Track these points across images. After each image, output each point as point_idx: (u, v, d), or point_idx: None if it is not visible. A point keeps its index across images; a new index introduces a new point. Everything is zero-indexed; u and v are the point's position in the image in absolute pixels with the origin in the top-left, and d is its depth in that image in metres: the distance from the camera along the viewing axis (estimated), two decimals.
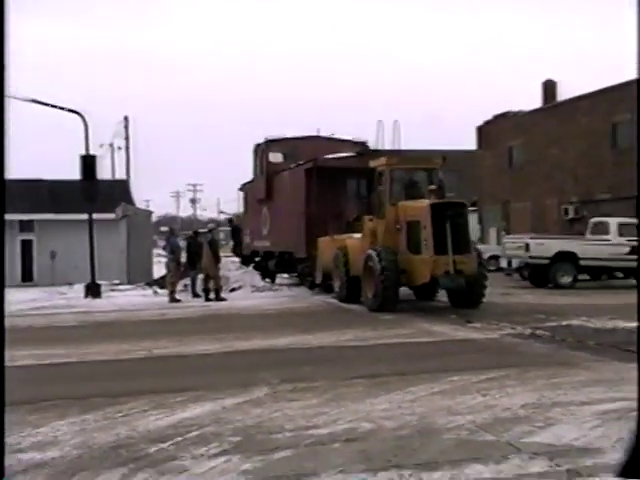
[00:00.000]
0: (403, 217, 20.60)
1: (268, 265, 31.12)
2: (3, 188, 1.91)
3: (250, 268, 31.04)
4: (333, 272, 23.35)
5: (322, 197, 25.76)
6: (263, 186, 31.69)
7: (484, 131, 53.14)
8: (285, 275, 30.87)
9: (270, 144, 31.45)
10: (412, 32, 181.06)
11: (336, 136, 31.12)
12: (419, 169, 22.45)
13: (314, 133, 32.23)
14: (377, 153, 26.40)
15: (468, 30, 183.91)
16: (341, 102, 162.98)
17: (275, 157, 31.04)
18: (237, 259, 32.51)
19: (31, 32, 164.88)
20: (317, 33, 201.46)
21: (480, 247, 42.32)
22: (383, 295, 19.89)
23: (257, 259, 32.89)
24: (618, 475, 2.03)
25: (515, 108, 50.79)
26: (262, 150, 31.83)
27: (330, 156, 26.99)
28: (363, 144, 30.27)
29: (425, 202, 20.15)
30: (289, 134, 31.89)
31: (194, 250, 25.76)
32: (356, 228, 22.84)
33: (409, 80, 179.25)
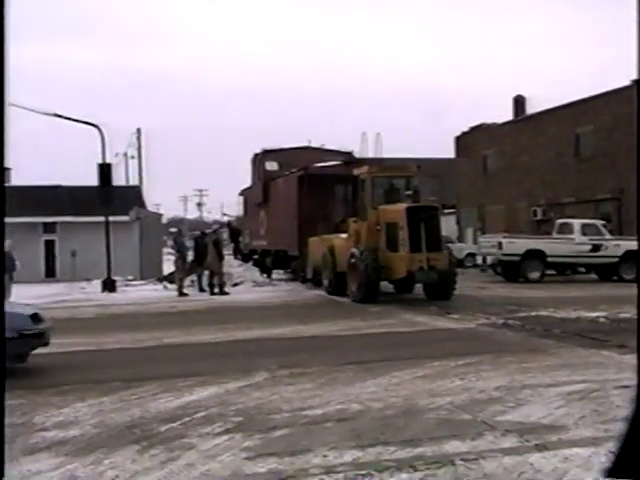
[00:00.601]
0: (383, 219, 20.98)
1: (265, 262, 31.41)
2: (3, 189, 1.90)
3: (249, 265, 31.21)
4: (322, 268, 23.65)
5: (312, 201, 26.07)
6: (260, 191, 32.13)
7: (461, 141, 53.16)
8: (280, 271, 31.01)
9: (266, 154, 32.10)
10: (393, 46, 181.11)
11: (325, 147, 31.63)
12: (397, 176, 22.83)
13: (306, 144, 32.68)
14: (361, 162, 27.14)
15: (447, 49, 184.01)
16: (331, 114, 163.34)
17: (271, 165, 31.59)
18: (236, 262, 32.43)
19: (54, 53, 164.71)
20: (315, 51, 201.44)
21: (458, 245, 42.78)
22: (365, 288, 20.26)
23: (255, 257, 33.11)
24: (606, 476, 2.01)
25: (489, 121, 50.86)
26: (259, 159, 32.40)
27: (319, 165, 27.36)
28: (349, 154, 31.00)
29: (402, 206, 20.56)
30: (284, 145, 32.29)
31: (201, 249, 25.73)
32: (343, 229, 23.08)
33: (392, 94, 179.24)
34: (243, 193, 38.16)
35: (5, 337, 2.05)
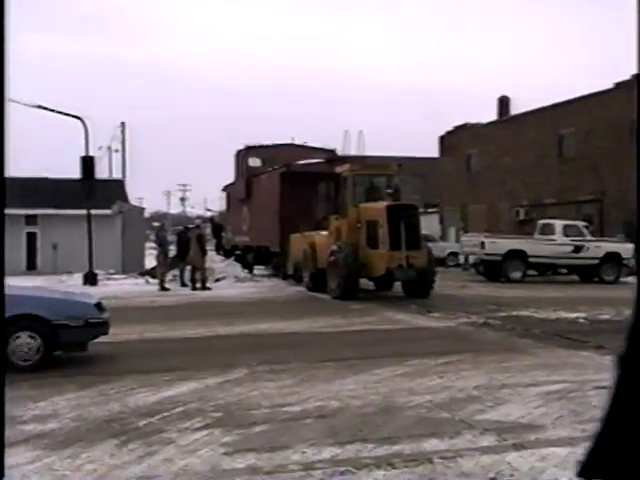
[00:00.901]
0: (363, 217, 21.12)
1: (247, 258, 31.45)
2: (3, 188, 1.89)
3: (231, 260, 31.19)
4: (303, 265, 23.75)
5: (294, 198, 26.18)
6: (243, 187, 32.24)
7: (446, 140, 53.29)
8: (262, 267, 31.03)
9: (249, 150, 32.24)
10: (378, 48, 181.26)
11: (308, 144, 31.72)
12: (378, 174, 23.05)
13: (289, 141, 32.79)
14: (343, 159, 27.26)
15: (433, 46, 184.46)
16: (315, 112, 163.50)
17: (254, 162, 31.67)
18: (219, 257, 32.38)
19: (37, 44, 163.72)
20: (299, 50, 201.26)
21: (440, 245, 42.86)
22: (344, 285, 20.40)
23: (237, 252, 33.17)
24: (578, 475, 2.01)
25: (473, 120, 51.00)
26: (242, 155, 32.51)
27: (301, 162, 27.50)
28: (332, 151, 31.23)
29: (382, 204, 20.79)
30: (268, 141, 32.36)
31: (183, 244, 25.66)
32: (324, 226, 23.16)
33: (376, 92, 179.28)
34: (226, 189, 38.27)
35: (5, 335, 2.00)
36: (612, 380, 1.99)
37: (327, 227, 22.66)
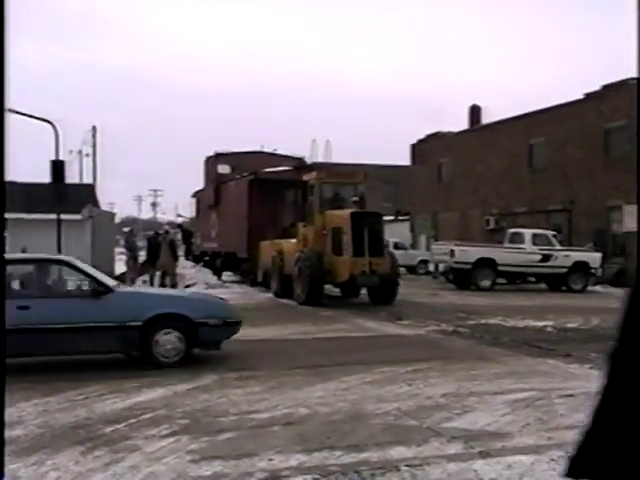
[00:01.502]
0: (329, 224, 21.44)
1: (215, 263, 31.61)
2: (3, 189, 1.86)
3: (201, 266, 31.22)
4: (271, 271, 23.93)
5: (262, 205, 26.68)
6: (212, 194, 32.65)
7: (417, 149, 53.51)
8: (230, 273, 31.10)
9: (219, 157, 32.90)
10: (348, 56, 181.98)
11: (277, 152, 32.16)
12: (345, 183, 23.30)
13: (258, 148, 33.20)
14: (311, 168, 27.75)
15: (404, 58, 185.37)
16: (283, 121, 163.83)
17: (223, 169, 32.17)
18: (189, 263, 32.40)
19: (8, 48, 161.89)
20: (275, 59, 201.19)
21: (411, 252, 43.06)
22: (309, 291, 20.63)
23: (206, 258, 33.35)
24: (565, 475, 2.01)
25: (445, 129, 51.29)
26: (212, 162, 33.11)
27: (269, 169, 28.03)
28: (300, 159, 31.81)
29: (346, 212, 21.10)
30: (238, 149, 32.70)
31: (154, 249, 25.56)
32: (292, 233, 23.46)
33: (345, 100, 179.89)
34: (196, 195, 38.59)
35: (5, 335, 1.97)
36: (600, 379, 2.00)
37: (294, 234, 22.91)
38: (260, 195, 26.99)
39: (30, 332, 9.93)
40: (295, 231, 22.98)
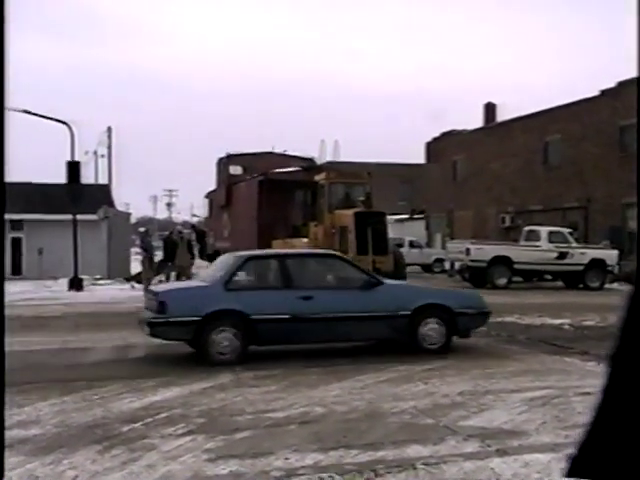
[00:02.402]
0: (337, 223, 22.08)
1: None
2: (3, 189, 1.87)
3: None
4: None
5: (272, 205, 27.17)
6: (224, 194, 33.31)
7: (432, 147, 53.43)
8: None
9: (231, 158, 33.43)
10: (359, 54, 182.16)
11: (287, 152, 32.69)
12: (352, 183, 23.85)
13: (269, 149, 33.76)
14: (320, 168, 28.76)
15: (422, 53, 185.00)
16: (293, 120, 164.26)
17: (235, 170, 32.74)
18: (205, 262, 32.63)
19: (21, 49, 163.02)
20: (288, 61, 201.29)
21: (426, 251, 42.97)
22: None
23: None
24: (566, 476, 1.99)
25: (459, 127, 51.16)
26: (224, 163, 33.69)
27: (279, 170, 28.59)
28: (310, 160, 32.38)
29: (351, 211, 21.65)
30: (250, 149, 33.42)
31: (169, 249, 25.62)
32: (302, 232, 24.07)
33: (360, 100, 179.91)
34: (209, 195, 39.04)
35: (4, 333, 2.00)
36: (602, 380, 1.98)
37: (305, 233, 23.51)
38: (270, 195, 27.52)
39: (312, 321, 11.13)
40: (306, 230, 23.53)
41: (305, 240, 23.25)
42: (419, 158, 55.51)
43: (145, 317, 11.20)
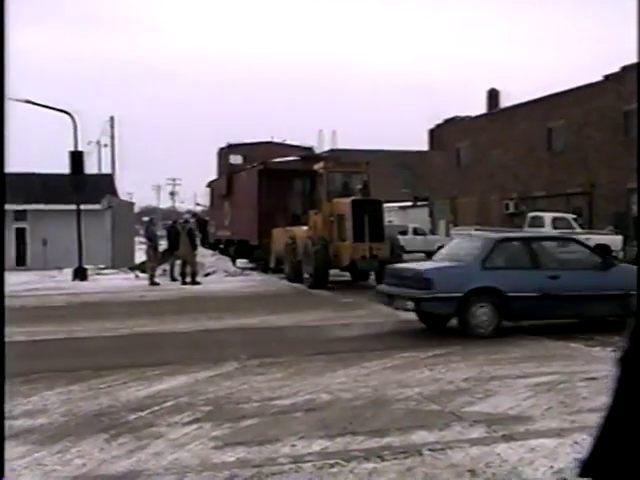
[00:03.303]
0: (335, 211, 22.43)
1: (229, 251, 32.53)
2: (3, 185, 1.87)
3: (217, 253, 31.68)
4: (284, 257, 24.79)
5: (271, 194, 27.69)
6: (224, 184, 34.19)
7: (435, 134, 53.34)
8: (244, 260, 31.70)
9: (231, 148, 34.08)
10: (362, 41, 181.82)
11: (287, 142, 33.33)
12: (349, 172, 24.19)
13: (268, 139, 34.46)
14: (317, 157, 29.00)
15: (418, 39, 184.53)
16: (291, 109, 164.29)
17: (235, 159, 33.54)
18: (209, 251, 32.82)
19: (23, 40, 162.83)
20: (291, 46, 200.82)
21: (430, 238, 43.00)
22: (315, 275, 21.70)
23: (220, 246, 34.41)
24: (579, 475, 2.01)
25: (462, 114, 51.04)
26: (224, 153, 34.34)
27: (278, 160, 28.95)
28: (309, 149, 33.10)
29: (348, 200, 22.02)
30: (251, 139, 34.13)
31: (173, 238, 25.62)
32: (302, 220, 24.47)
33: (361, 85, 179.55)
34: (210, 185, 39.64)
35: (3, 333, 2.00)
36: (613, 381, 1.99)
37: (305, 221, 23.91)
38: (269, 184, 28.04)
39: (559, 298, 12.13)
40: (306, 218, 23.92)
41: (305, 228, 23.67)
42: (422, 145, 55.46)
43: (394, 292, 12.60)
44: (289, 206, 27.06)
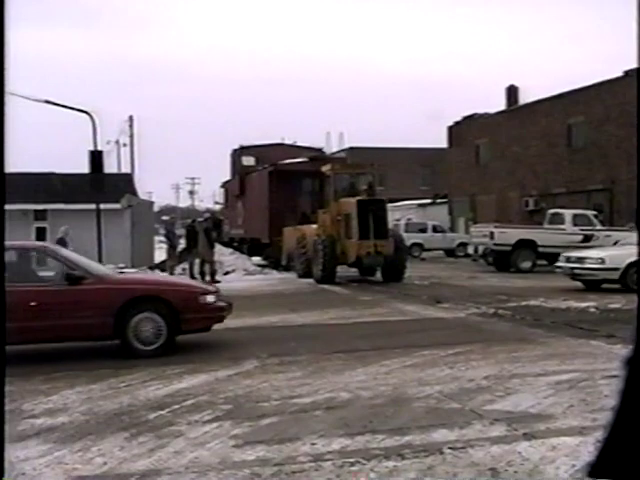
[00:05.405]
0: (342, 210, 23.51)
1: (242, 249, 33.42)
2: (3, 185, 1.87)
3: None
4: (295, 254, 25.82)
5: (281, 194, 29.08)
6: (237, 184, 35.86)
7: (454, 131, 53.13)
8: (258, 258, 32.29)
9: (243, 150, 35.49)
10: (379, 38, 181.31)
11: (297, 143, 34.62)
12: (356, 173, 25.58)
13: (279, 141, 35.83)
14: (325, 159, 30.23)
15: (439, 36, 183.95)
16: (302, 111, 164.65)
17: (248, 160, 35.05)
18: (228, 250, 33.09)
19: (43, 41, 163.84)
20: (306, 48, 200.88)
21: (450, 235, 42.96)
22: (323, 271, 22.79)
23: (234, 244, 35.33)
24: (588, 475, 2.00)
25: (482, 110, 50.83)
26: (237, 154, 35.56)
27: (287, 161, 30.29)
28: (319, 150, 34.44)
29: (354, 199, 23.16)
30: (262, 141, 35.65)
31: (192, 237, 25.70)
32: (311, 219, 25.71)
33: (375, 85, 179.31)
34: (224, 185, 41.09)
35: (4, 333, 2.00)
36: (620, 383, 1.97)
37: (314, 220, 25.14)
38: (279, 185, 29.38)
39: None
40: (315, 217, 25.16)
41: (314, 227, 24.76)
42: (441, 142, 55.28)
43: None
44: (299, 206, 28.34)
